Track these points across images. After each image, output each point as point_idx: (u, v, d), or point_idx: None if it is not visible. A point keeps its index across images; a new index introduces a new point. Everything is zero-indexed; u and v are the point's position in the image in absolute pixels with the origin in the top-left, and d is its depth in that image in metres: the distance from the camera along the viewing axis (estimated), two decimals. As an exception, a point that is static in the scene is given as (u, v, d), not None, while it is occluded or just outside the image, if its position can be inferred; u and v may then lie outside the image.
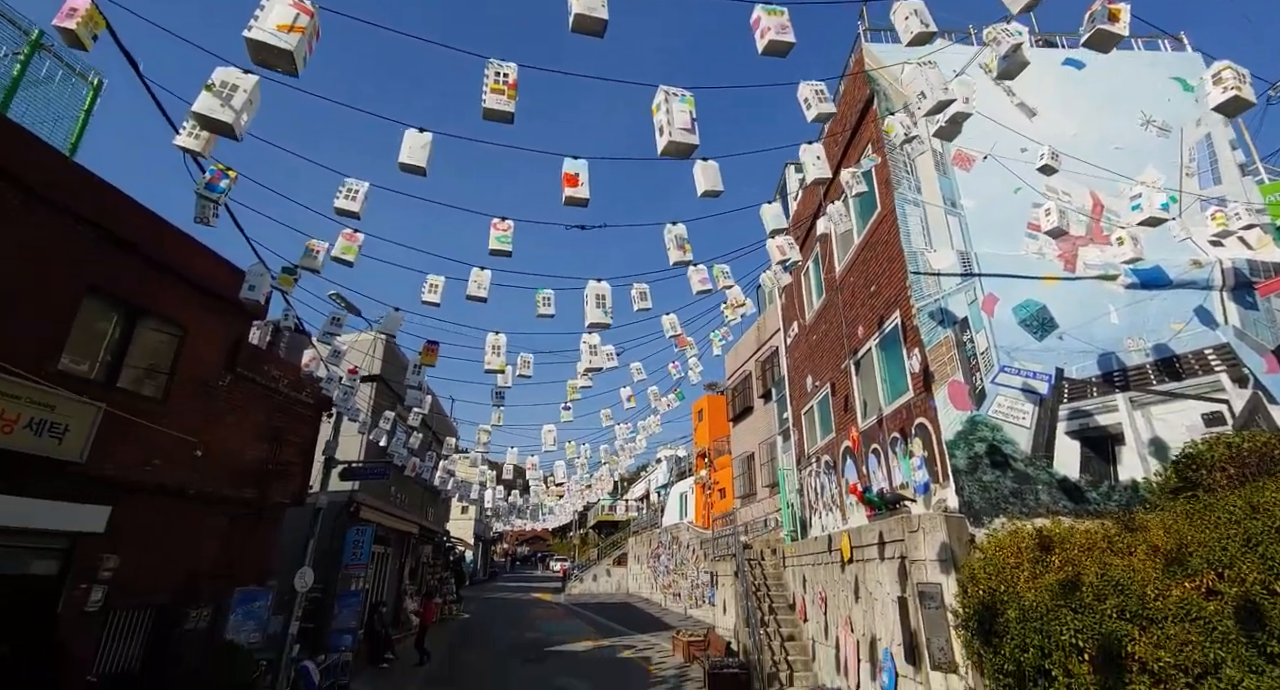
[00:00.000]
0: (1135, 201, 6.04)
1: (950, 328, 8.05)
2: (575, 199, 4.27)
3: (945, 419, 7.64)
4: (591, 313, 5.60)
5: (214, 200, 4.61)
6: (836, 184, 11.05)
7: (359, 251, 5.23)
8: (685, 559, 25.72)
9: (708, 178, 4.44)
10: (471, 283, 5.60)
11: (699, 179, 4.48)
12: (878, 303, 9.50)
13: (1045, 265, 8.40)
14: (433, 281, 5.93)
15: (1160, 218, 5.87)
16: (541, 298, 6.14)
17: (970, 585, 6.24)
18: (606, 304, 5.67)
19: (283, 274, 5.97)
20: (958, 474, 7.36)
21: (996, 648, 5.59)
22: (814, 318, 13.03)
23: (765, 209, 5.54)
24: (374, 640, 15.31)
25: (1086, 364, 7.86)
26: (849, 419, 10.79)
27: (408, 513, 18.64)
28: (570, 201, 4.29)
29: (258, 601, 10.41)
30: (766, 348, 20.93)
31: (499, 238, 4.88)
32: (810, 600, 11.31)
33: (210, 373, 9.49)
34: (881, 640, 7.77)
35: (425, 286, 5.91)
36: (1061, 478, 7.32)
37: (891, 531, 7.47)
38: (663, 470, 39.63)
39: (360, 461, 13.09)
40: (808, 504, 13.32)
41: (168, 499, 8.76)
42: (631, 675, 14.04)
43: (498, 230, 4.90)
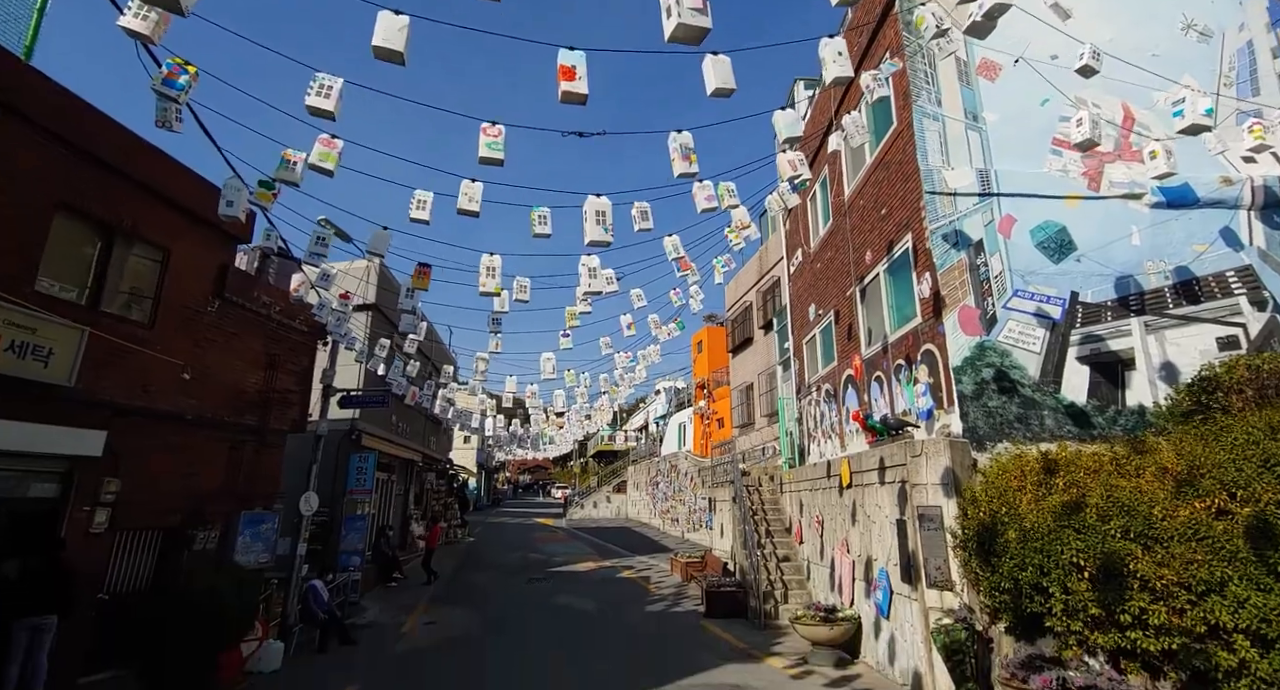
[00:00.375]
0: (1177, 107, 5.60)
1: (964, 250, 7.74)
2: (572, 94, 3.88)
3: (954, 345, 7.46)
4: (591, 230, 5.28)
5: (174, 99, 4.20)
6: (849, 97, 10.43)
7: (339, 160, 4.85)
8: (683, 486, 26.37)
9: (718, 74, 4.03)
10: (462, 196, 5.24)
11: (709, 75, 4.06)
12: (888, 226, 9.13)
13: (1068, 184, 7.98)
14: (421, 197, 5.56)
15: (1203, 124, 5.45)
16: (537, 216, 5.79)
17: (971, 508, 6.24)
18: (606, 221, 5.34)
19: (260, 188, 5.60)
20: (963, 400, 7.25)
21: (995, 567, 5.63)
22: (819, 244, 12.65)
23: (778, 116, 5.11)
24: (381, 561, 15.81)
25: (1103, 287, 7.60)
26: (852, 347, 10.64)
27: (410, 441, 18.85)
28: (567, 97, 3.90)
29: (265, 524, 10.58)
30: (768, 278, 20.58)
31: (489, 144, 4.50)
32: (806, 524, 11.53)
33: (198, 298, 9.21)
34: (878, 560, 7.91)
35: (413, 203, 5.55)
36: (1068, 403, 7.22)
37: (893, 456, 7.44)
38: (661, 401, 40.09)
39: (359, 390, 13.04)
40: (806, 432, 13.40)
41: (166, 424, 8.70)
42: (632, 593, 14.58)
43: (488, 136, 4.51)
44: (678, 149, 4.71)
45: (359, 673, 8.46)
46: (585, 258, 6.70)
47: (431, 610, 13.07)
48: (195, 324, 9.20)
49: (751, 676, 7.67)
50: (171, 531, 8.94)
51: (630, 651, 9.21)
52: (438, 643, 10.25)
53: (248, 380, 10.36)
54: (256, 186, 5.62)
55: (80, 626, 7.25)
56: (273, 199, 5.67)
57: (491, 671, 8.34)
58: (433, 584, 15.88)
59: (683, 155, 4.69)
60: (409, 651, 9.70)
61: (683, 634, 10.38)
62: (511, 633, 10.75)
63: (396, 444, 17.22)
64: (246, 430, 10.28)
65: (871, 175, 9.75)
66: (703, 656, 8.74)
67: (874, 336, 9.86)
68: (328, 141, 4.85)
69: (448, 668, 8.67)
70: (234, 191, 5.60)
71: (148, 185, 8.35)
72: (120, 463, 8.04)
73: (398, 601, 14.02)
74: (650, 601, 13.58)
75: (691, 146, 4.71)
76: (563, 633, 10.72)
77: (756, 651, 8.97)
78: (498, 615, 12.38)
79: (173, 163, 8.80)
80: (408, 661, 9.08)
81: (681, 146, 4.70)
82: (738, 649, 9.19)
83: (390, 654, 9.54)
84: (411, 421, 19.02)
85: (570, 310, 8.71)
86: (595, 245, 5.30)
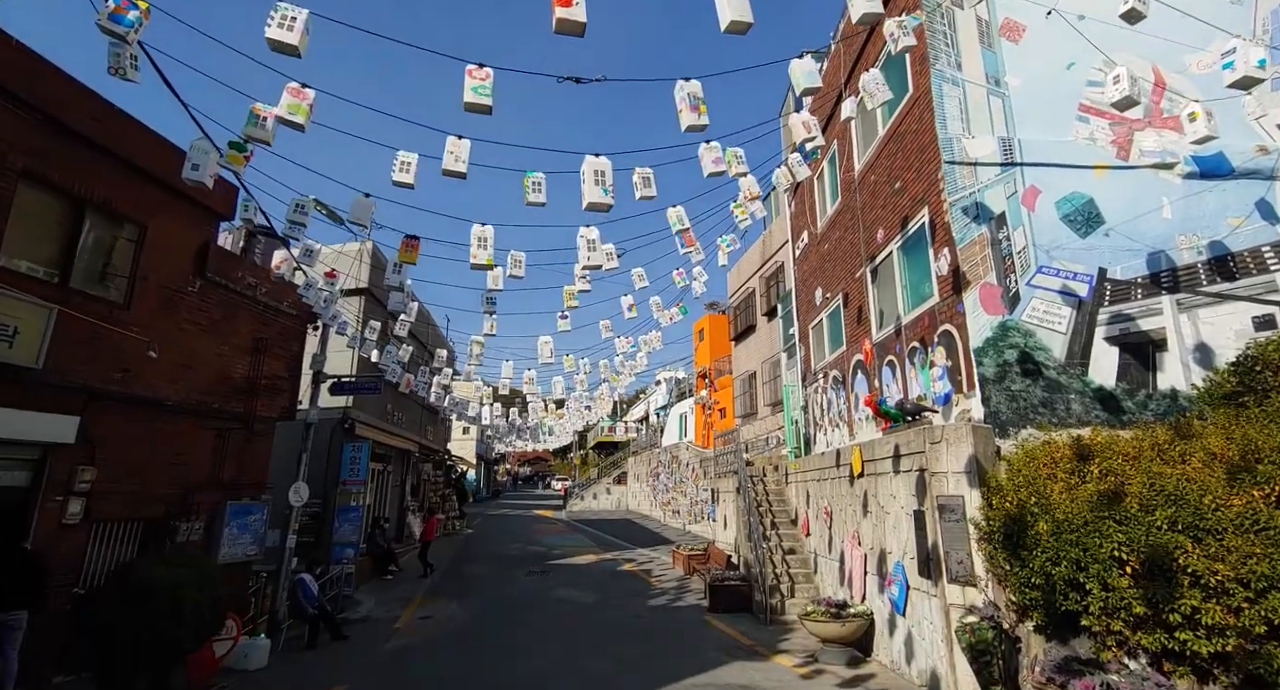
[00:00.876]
0: (1227, 59, 5.13)
1: (985, 224, 7.28)
2: (568, 22, 3.43)
3: (974, 325, 7.02)
4: (589, 192, 4.84)
5: (123, 37, 3.75)
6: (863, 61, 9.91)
7: (309, 112, 4.40)
8: (684, 477, 26.01)
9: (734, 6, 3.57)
10: (448, 155, 4.79)
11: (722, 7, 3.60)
12: (902, 201, 8.67)
13: (1096, 153, 7.51)
14: (404, 159, 5.12)
15: (1256, 77, 4.98)
16: (531, 182, 5.35)
17: (996, 498, 5.83)
18: (606, 181, 4.89)
19: (230, 150, 5.15)
20: (984, 383, 6.82)
21: (1025, 561, 5.22)
22: (826, 225, 12.19)
23: (795, 65, 4.66)
24: (377, 554, 15.46)
25: (1132, 263, 7.15)
26: (862, 331, 10.20)
27: (406, 431, 18.47)
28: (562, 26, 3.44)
29: (253, 515, 10.20)
30: (771, 263, 20.12)
31: (476, 88, 4.06)
32: (814, 515, 11.14)
33: (179, 278, 8.78)
34: (892, 554, 7.51)
35: (396, 165, 5.10)
36: (1097, 387, 6.79)
37: (910, 444, 7.02)
38: (662, 392, 39.70)
39: (352, 376, 12.64)
40: (812, 421, 12.99)
41: (146, 411, 8.30)
42: (633, 587, 14.23)
43: (474, 79, 4.06)
44: (685, 99, 4.26)
45: (348, 671, 8.09)
46: (584, 229, 6.26)
47: (427, 604, 12.72)
48: (176, 305, 8.78)
49: (759, 676, 7.29)
50: (153, 523, 8.56)
51: (633, 648, 8.84)
52: (432, 638, 9.89)
53: (234, 365, 9.96)
54: (227, 149, 5.17)
55: (54, 623, 6.87)
56: (245, 162, 5.22)
57: (487, 670, 7.97)
58: (430, 576, 15.54)
59: (691, 106, 4.24)
60: (402, 648, 9.34)
61: (686, 630, 10.01)
62: (509, 628, 10.38)
63: (392, 433, 16.83)
64: (233, 417, 9.89)
65: (884, 148, 9.27)
66: (708, 654, 8.36)
67: (886, 319, 9.43)
68: (297, 91, 4.40)
69: (440, 666, 8.30)
70: (200, 154, 5.15)
71: (121, 156, 7.91)
72: (96, 451, 7.66)
73: (393, 594, 13.67)
74: (652, 595, 13.23)
75: (700, 96, 4.26)
76: (562, 628, 10.35)
77: (763, 649, 8.59)
78: (495, 609, 12.03)
79: (150, 134, 8.35)
80: (399, 659, 8.71)
81: (690, 96, 4.25)
82: (744, 646, 8.81)
83: (382, 651, 9.18)
84: (407, 411, 18.63)
85: (568, 289, 8.28)
86: (594, 208, 4.86)
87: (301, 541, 12.62)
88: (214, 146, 5.30)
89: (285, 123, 4.39)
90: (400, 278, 6.96)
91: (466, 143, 4.82)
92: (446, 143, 4.78)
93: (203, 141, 5.26)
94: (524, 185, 5.29)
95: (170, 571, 3.84)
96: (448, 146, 4.79)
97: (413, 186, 5.05)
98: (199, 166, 5.16)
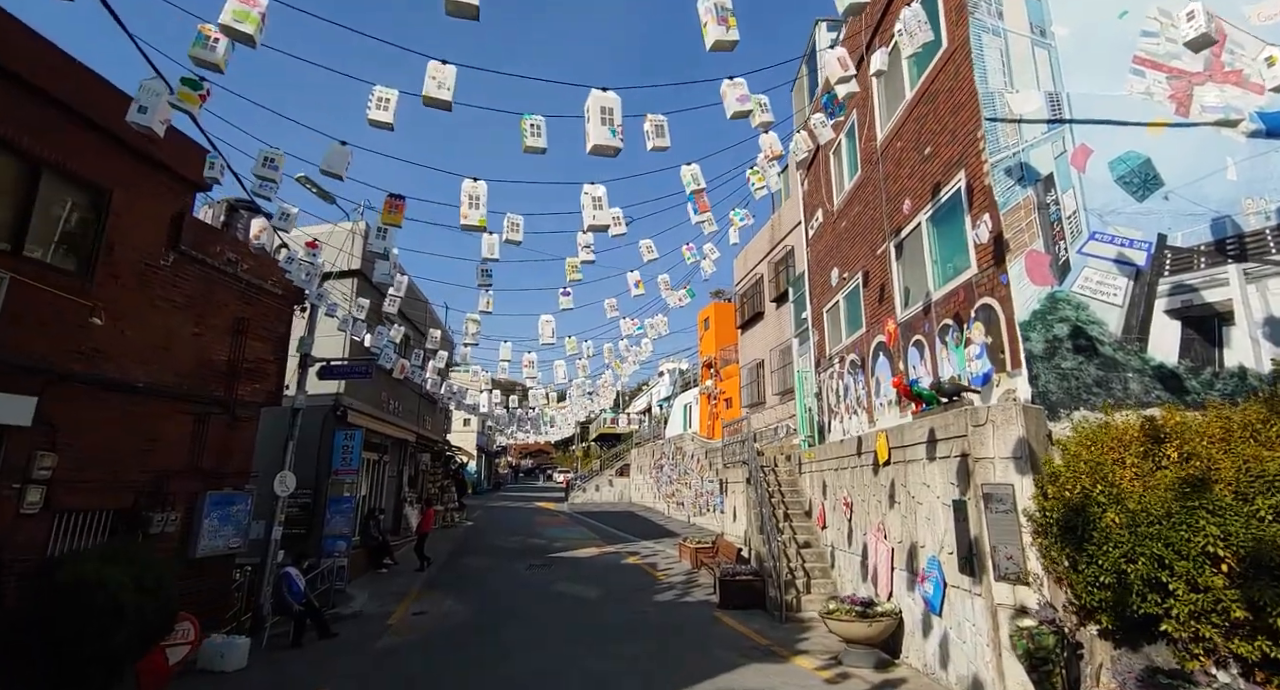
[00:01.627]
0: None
1: (1031, 186, 6.61)
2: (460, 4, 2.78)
3: (1020, 297, 6.36)
4: (595, 133, 4.19)
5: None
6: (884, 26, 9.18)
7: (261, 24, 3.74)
8: (689, 469, 25.42)
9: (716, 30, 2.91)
10: (429, 81, 4.13)
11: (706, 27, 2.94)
12: (933, 167, 7.99)
13: (1153, 109, 6.82)
14: (382, 95, 4.46)
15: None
16: (529, 125, 4.69)
17: (1052, 486, 5.19)
18: (614, 120, 4.24)
19: (183, 88, 4.49)
20: (1032, 360, 6.17)
21: (1092, 557, 4.58)
22: (844, 201, 11.50)
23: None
24: (371, 546, 14.89)
25: (1195, 229, 6.47)
26: (884, 311, 9.54)
27: (402, 420, 17.85)
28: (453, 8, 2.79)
29: (235, 506, 9.59)
30: (781, 247, 19.43)
31: None
32: (831, 507, 10.52)
33: (149, 251, 8.13)
34: (925, 548, 6.88)
35: (373, 101, 4.45)
36: (1157, 364, 6.13)
37: (948, 427, 6.37)
38: (665, 383, 39.08)
39: (344, 359, 11.99)
40: (827, 408, 12.35)
41: (114, 393, 7.67)
42: (638, 581, 13.65)
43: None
44: (712, 10, 3.59)
45: (333, 671, 7.50)
46: (588, 186, 5.59)
47: (423, 598, 12.14)
48: (147, 280, 8.12)
49: (779, 680, 6.68)
50: (125, 513, 7.95)
51: (640, 648, 8.23)
52: (426, 636, 9.29)
53: (213, 347, 9.32)
54: (179, 86, 4.51)
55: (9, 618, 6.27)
56: (200, 102, 4.56)
57: (482, 671, 7.37)
58: (426, 570, 14.97)
59: (718, 18, 3.57)
60: (393, 647, 8.74)
61: (697, 628, 9.40)
62: (508, 626, 9.79)
63: (387, 422, 16.22)
64: (213, 402, 9.25)
65: (913, 111, 8.58)
66: (721, 655, 7.76)
67: (912, 297, 8.77)
68: None
69: (433, 666, 7.70)
70: (149, 96, 4.48)
71: (83, 115, 7.24)
72: (57, 435, 7.03)
73: (388, 588, 13.10)
74: (658, 590, 12.63)
75: (729, 6, 3.58)
76: (564, 626, 9.76)
77: (781, 649, 7.98)
78: (493, 605, 11.44)
79: (115, 92, 7.65)
80: (389, 659, 8.12)
81: (717, 6, 3.57)
82: (759, 646, 8.20)
83: (372, 649, 8.58)
84: (404, 400, 18.02)
85: (571, 261, 7.61)
86: (600, 152, 4.21)
87: (291, 534, 12.03)
88: (166, 85, 4.63)
89: (233, 34, 3.72)
90: (386, 244, 6.30)
91: (451, 68, 4.15)
92: (428, 68, 4.12)
93: (153, 81, 4.59)
94: (521, 128, 4.63)
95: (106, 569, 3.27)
96: (429, 72, 4.13)
97: (392, 127, 4.39)
98: (147, 109, 4.50)
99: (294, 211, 6.49)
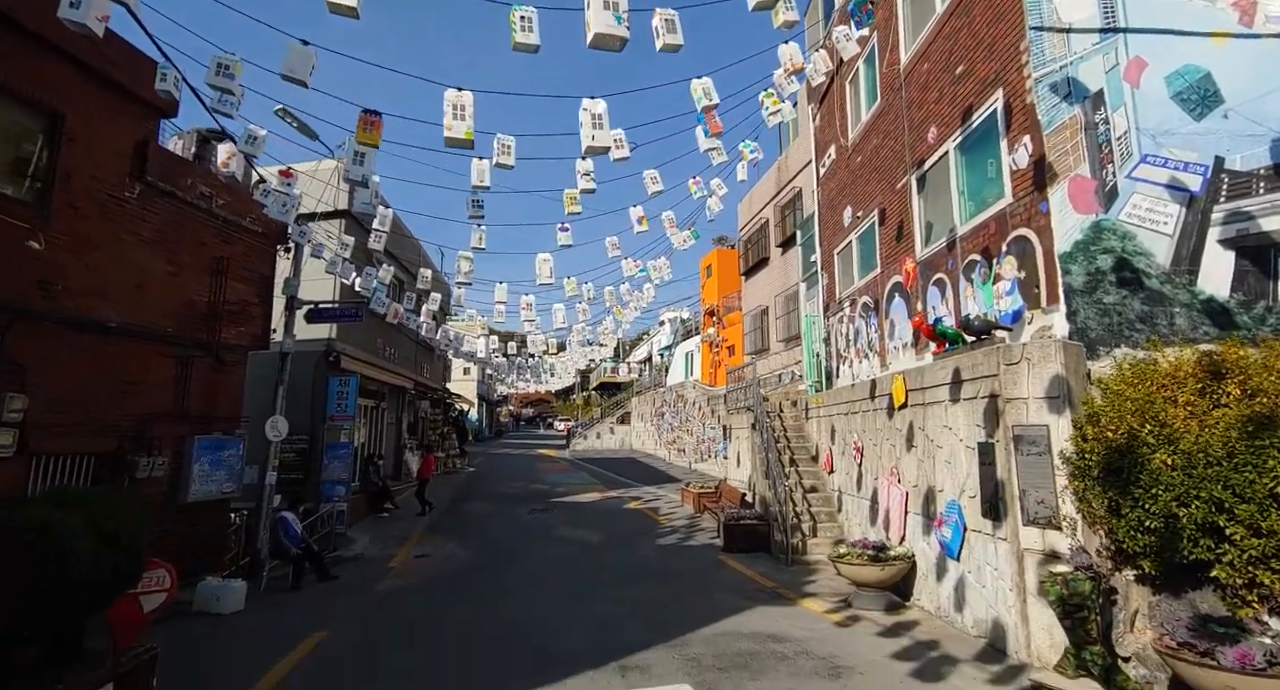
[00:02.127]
0: None
1: (1078, 104, 5.99)
2: None
3: (1060, 226, 5.86)
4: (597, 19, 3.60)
5: None
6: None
7: None
8: (690, 416, 25.33)
9: None
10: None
11: None
12: (965, 89, 7.33)
13: (1214, 17, 6.08)
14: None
15: None
16: (518, 18, 4.08)
17: (1091, 427, 4.82)
18: (620, 5, 3.66)
19: (120, -31, 3.86)
20: (1071, 295, 5.72)
21: (1139, 501, 4.25)
22: (860, 134, 10.79)
23: None
24: (371, 491, 14.79)
25: (1254, 151, 5.88)
26: (903, 249, 9.02)
27: (399, 367, 17.50)
28: None
29: (226, 451, 9.31)
30: (788, 189, 18.67)
31: None
32: (839, 451, 10.27)
33: (113, 182, 7.51)
34: (943, 492, 6.60)
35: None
36: (1206, 297, 5.68)
37: (976, 367, 5.97)
38: (666, 332, 38.72)
39: (335, 302, 11.53)
40: (835, 353, 11.98)
41: (85, 333, 7.23)
42: (641, 525, 13.59)
43: None
44: None
45: (332, 614, 7.35)
46: (587, 101, 5.00)
47: (425, 542, 12.08)
48: (112, 214, 7.54)
49: (788, 623, 6.51)
50: (108, 457, 7.65)
51: (644, 592, 8.10)
52: (428, 579, 9.18)
53: (191, 287, 8.81)
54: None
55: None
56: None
57: (485, 616, 7.21)
58: (427, 515, 14.92)
59: None
60: (394, 589, 8.62)
61: (701, 571, 9.29)
62: (509, 570, 9.67)
63: (383, 368, 15.86)
64: (194, 345, 8.82)
65: (943, 28, 7.83)
66: (727, 598, 7.61)
67: (935, 233, 8.24)
68: None
69: (434, 609, 7.56)
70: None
71: (27, 28, 6.50)
72: (26, 375, 6.63)
73: (389, 533, 13.04)
74: (661, 534, 12.57)
75: None
76: (567, 569, 9.65)
77: (788, 592, 7.84)
78: (495, 549, 11.36)
79: (62, 1, 6.90)
80: (391, 601, 7.98)
81: None
82: (766, 589, 8.07)
83: (373, 592, 8.46)
84: (400, 347, 17.62)
85: (570, 193, 7.04)
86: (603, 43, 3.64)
87: (288, 479, 11.84)
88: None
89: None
90: (364, 171, 5.71)
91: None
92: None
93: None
94: (510, 21, 4.02)
95: (55, 513, 2.95)
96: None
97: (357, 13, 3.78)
98: (78, 3, 3.86)
99: (261, 134, 5.89)
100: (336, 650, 6.07)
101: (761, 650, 5.62)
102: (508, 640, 6.20)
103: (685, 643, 5.87)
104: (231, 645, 6.36)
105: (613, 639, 6.11)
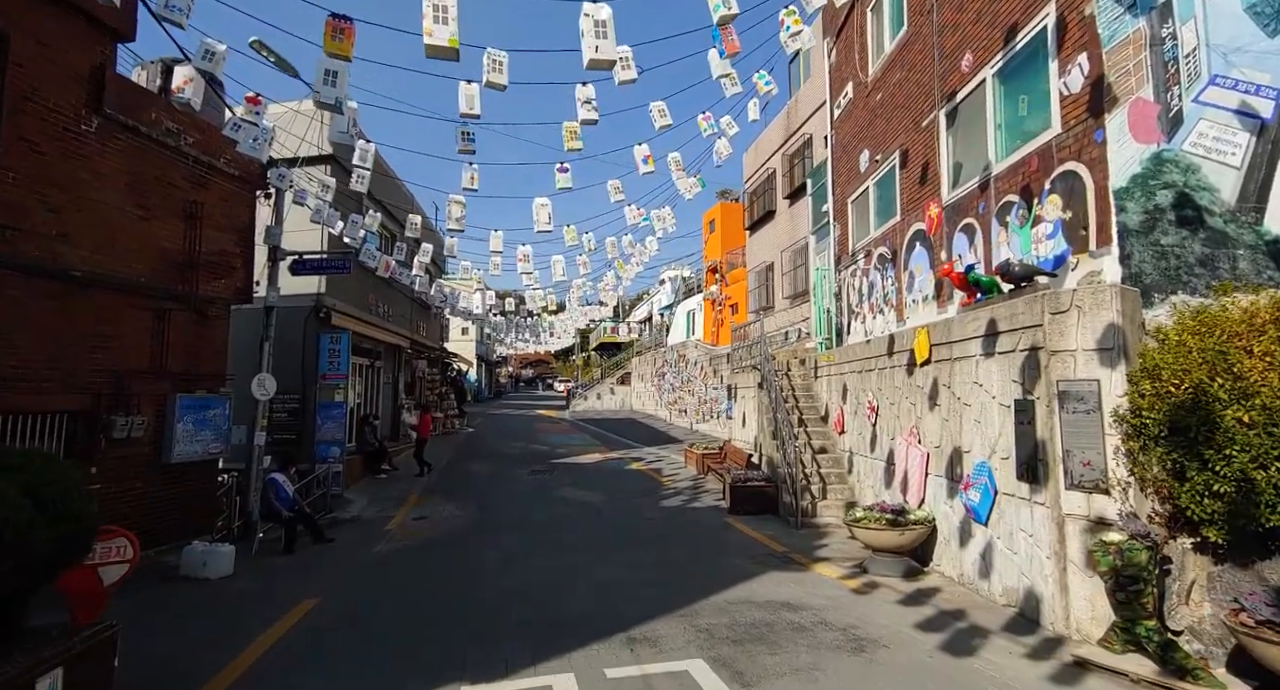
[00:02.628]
0: None
1: (1144, 15, 5.29)
2: None
3: (1118, 158, 5.23)
4: None
5: None
6: None
7: None
8: (692, 376, 24.93)
9: None
10: None
11: None
12: (1010, 4, 6.57)
13: (1305, -84, 5.36)
14: None
15: None
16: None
17: (1149, 382, 4.32)
18: None
19: None
20: (1125, 236, 5.14)
21: (1207, 462, 3.79)
22: (882, 67, 9.98)
23: None
24: (367, 452, 14.47)
25: (1338, 74, 5.23)
26: (927, 193, 8.38)
27: (394, 325, 16.99)
28: None
29: (212, 410, 8.91)
30: (797, 137, 17.78)
31: None
32: (851, 411, 9.84)
33: (67, 111, 6.84)
34: (971, 453, 6.17)
35: None
36: (1272, 239, 5.11)
37: (1015, 318, 5.45)
38: (666, 291, 38.03)
39: (322, 252, 10.94)
40: (847, 308, 11.44)
41: (43, 282, 6.69)
42: (644, 486, 13.31)
43: None
44: None
45: (324, 579, 7.03)
46: (589, 5, 4.33)
47: (424, 503, 11.79)
48: (68, 148, 6.90)
49: (802, 590, 6.18)
50: (83, 415, 7.23)
51: (649, 555, 7.78)
52: (425, 542, 8.87)
53: (164, 234, 8.23)
54: None
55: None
56: None
57: (484, 582, 6.88)
58: (426, 476, 14.65)
59: None
60: (390, 552, 8.31)
61: (707, 534, 8.97)
62: (510, 532, 9.37)
63: (376, 326, 15.35)
64: (170, 297, 8.30)
65: (984, -61, 7.01)
66: (736, 562, 7.28)
67: (965, 174, 7.59)
68: None
69: (432, 572, 7.24)
70: None
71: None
72: (-18, 328, 6.14)
73: (387, 494, 12.76)
74: (665, 496, 12.28)
75: None
76: (568, 532, 9.34)
77: (799, 556, 7.51)
78: (495, 511, 11.07)
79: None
80: (386, 565, 7.67)
81: None
82: (775, 553, 7.74)
83: (368, 555, 8.15)
84: (394, 304, 17.07)
85: (569, 125, 6.38)
86: None
87: (281, 439, 11.48)
88: None
89: None
90: (336, 92, 5.06)
91: None
92: None
93: None
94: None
95: None
96: None
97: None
98: None
99: (220, 48, 5.20)
100: (327, 618, 5.74)
101: (777, 620, 5.27)
102: (509, 608, 5.86)
103: (696, 612, 5.53)
104: (216, 611, 6.03)
105: (619, 606, 5.77)
